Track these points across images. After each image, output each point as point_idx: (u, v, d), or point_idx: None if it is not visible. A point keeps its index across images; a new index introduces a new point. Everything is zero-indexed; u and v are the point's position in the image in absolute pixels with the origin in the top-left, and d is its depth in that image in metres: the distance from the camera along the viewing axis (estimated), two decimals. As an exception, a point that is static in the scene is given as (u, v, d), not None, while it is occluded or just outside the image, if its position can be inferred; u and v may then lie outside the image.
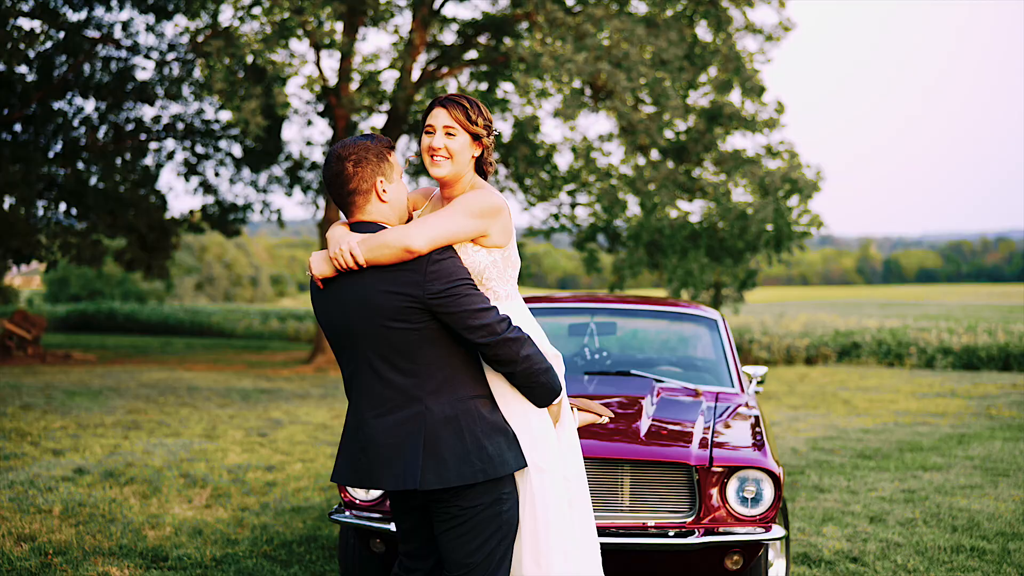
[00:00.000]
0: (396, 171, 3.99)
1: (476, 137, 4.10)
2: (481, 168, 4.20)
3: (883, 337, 25.34)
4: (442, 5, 21.90)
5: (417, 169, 23.58)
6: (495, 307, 3.90)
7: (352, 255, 3.83)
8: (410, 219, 4.13)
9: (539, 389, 4.01)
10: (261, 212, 26.00)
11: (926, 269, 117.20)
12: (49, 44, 22.54)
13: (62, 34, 22.53)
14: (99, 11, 23.39)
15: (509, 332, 3.88)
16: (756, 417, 6.25)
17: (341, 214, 4.34)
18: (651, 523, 5.40)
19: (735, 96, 21.18)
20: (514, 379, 3.98)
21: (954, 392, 18.06)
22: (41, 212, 24.15)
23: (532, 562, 4.05)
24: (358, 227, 3.96)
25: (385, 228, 3.93)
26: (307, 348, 27.40)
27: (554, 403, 4.09)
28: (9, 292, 43.18)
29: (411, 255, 3.82)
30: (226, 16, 22.87)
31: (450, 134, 4.06)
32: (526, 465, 4.01)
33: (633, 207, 21.20)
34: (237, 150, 25.25)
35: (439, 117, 4.07)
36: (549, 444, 4.08)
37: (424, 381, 3.89)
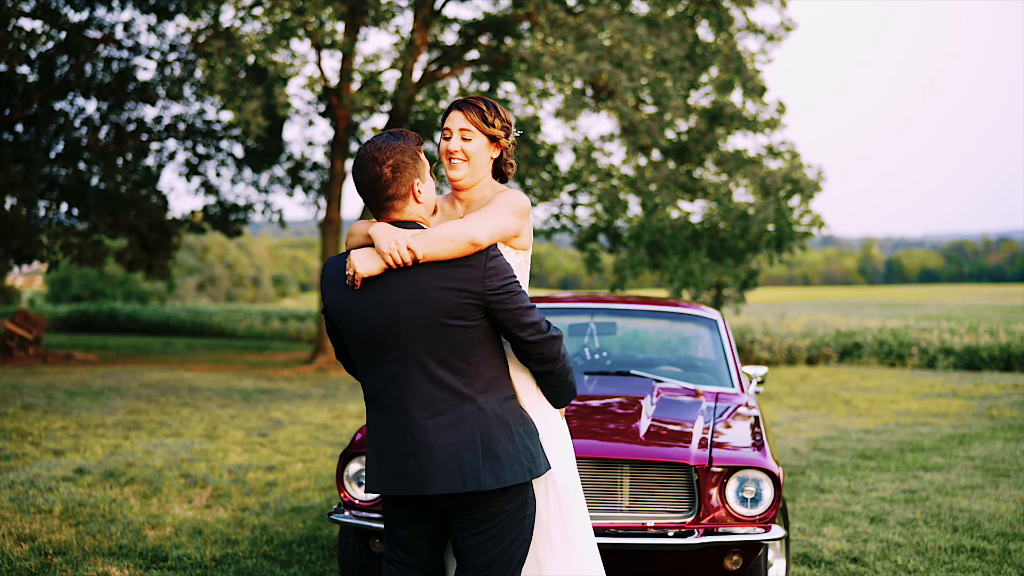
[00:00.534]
0: (427, 168, 3.94)
1: (493, 139, 4.10)
2: (500, 170, 4.20)
3: (884, 337, 25.33)
4: (443, 5, 21.90)
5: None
6: (535, 306, 3.91)
7: (411, 250, 3.74)
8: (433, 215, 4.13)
9: (564, 388, 4.02)
10: (262, 212, 26.02)
11: (928, 269, 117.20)
12: (50, 44, 22.56)
13: (63, 34, 22.55)
14: (100, 11, 23.43)
15: (552, 330, 3.88)
16: (756, 417, 6.24)
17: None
18: (650, 523, 5.39)
19: (736, 96, 21.20)
20: (549, 378, 3.97)
21: (955, 392, 18.05)
22: (43, 212, 24.17)
23: (563, 562, 4.05)
24: (396, 225, 3.89)
25: (422, 226, 3.88)
26: (308, 348, 27.41)
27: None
28: (11, 292, 43.22)
29: (476, 248, 3.76)
30: (227, 16, 22.90)
31: (466, 138, 4.05)
32: (551, 467, 4.02)
33: (634, 207, 21.21)
34: (238, 150, 25.29)
35: (455, 120, 4.07)
36: (563, 444, 4.10)
37: (474, 380, 3.83)
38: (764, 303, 51.23)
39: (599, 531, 5.33)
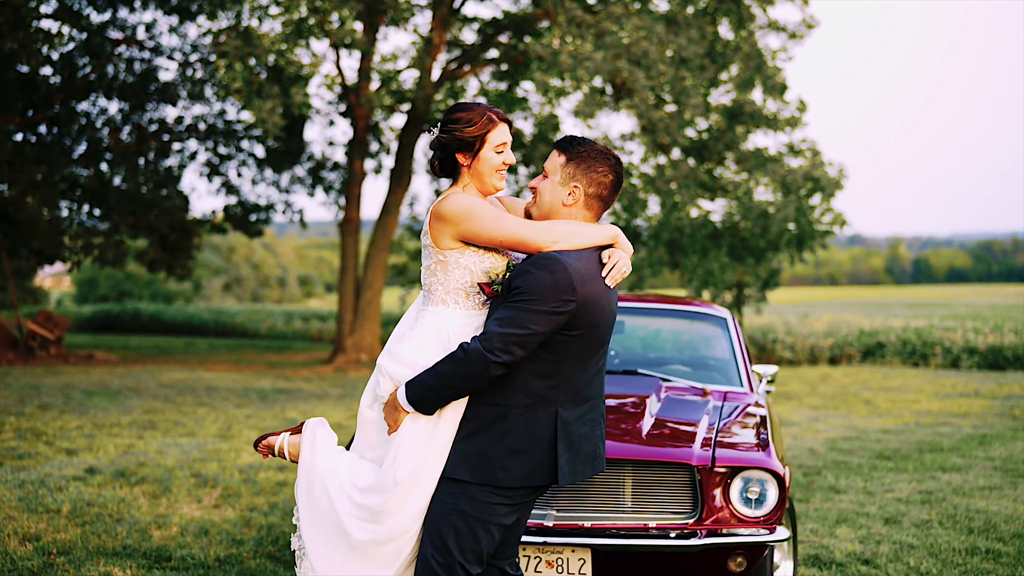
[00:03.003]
0: None
1: None
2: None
3: (908, 337, 25.09)
4: (462, 4, 21.84)
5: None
6: None
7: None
8: None
9: None
10: (283, 212, 26.03)
11: (956, 269, 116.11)
12: (72, 45, 22.66)
13: (84, 35, 22.65)
14: (123, 12, 23.50)
15: None
16: (762, 417, 6.15)
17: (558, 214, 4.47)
18: (653, 524, 5.31)
19: (757, 94, 21.04)
20: None
21: (978, 392, 17.85)
22: (65, 213, 24.27)
23: None
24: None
25: None
26: (330, 348, 27.39)
27: None
28: (39, 293, 43.46)
29: None
30: (247, 16, 22.90)
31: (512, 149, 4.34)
32: None
33: (654, 206, 21.09)
34: (259, 151, 25.30)
35: (508, 135, 4.25)
36: None
37: None
38: (790, 303, 50.94)
39: (601, 532, 5.26)
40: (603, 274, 4.05)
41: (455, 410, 4.06)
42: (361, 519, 4.07)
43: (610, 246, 4.17)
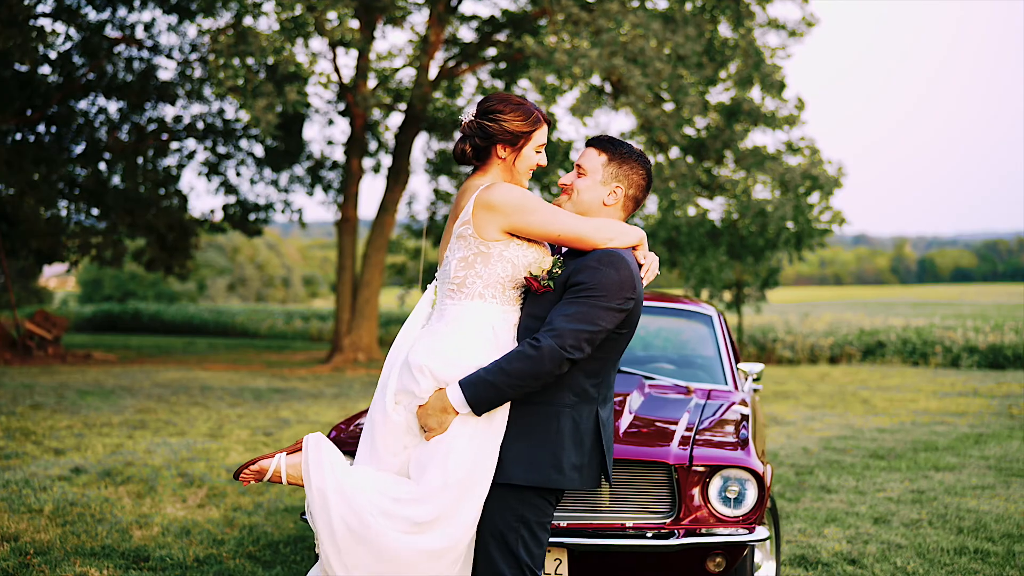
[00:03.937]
0: None
1: None
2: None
3: (908, 336, 24.99)
4: (459, 2, 21.77)
5: (437, 168, 23.47)
6: None
7: None
8: None
9: None
10: (282, 212, 25.98)
11: (961, 268, 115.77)
12: (69, 44, 22.63)
13: (83, 34, 22.60)
14: (122, 11, 23.46)
15: None
16: (744, 415, 6.07)
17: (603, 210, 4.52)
18: (630, 524, 5.23)
19: (755, 92, 20.95)
20: None
21: (976, 391, 17.75)
22: (63, 213, 24.24)
23: None
24: None
25: None
26: (328, 348, 27.31)
27: None
28: (43, 293, 43.45)
29: None
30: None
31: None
32: None
33: (651, 205, 21.00)
34: (258, 150, 25.25)
35: (546, 136, 4.21)
36: None
37: None
38: (794, 302, 50.85)
39: (578, 531, 5.18)
40: (641, 275, 4.09)
41: (506, 409, 3.95)
42: (401, 531, 3.85)
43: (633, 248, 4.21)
